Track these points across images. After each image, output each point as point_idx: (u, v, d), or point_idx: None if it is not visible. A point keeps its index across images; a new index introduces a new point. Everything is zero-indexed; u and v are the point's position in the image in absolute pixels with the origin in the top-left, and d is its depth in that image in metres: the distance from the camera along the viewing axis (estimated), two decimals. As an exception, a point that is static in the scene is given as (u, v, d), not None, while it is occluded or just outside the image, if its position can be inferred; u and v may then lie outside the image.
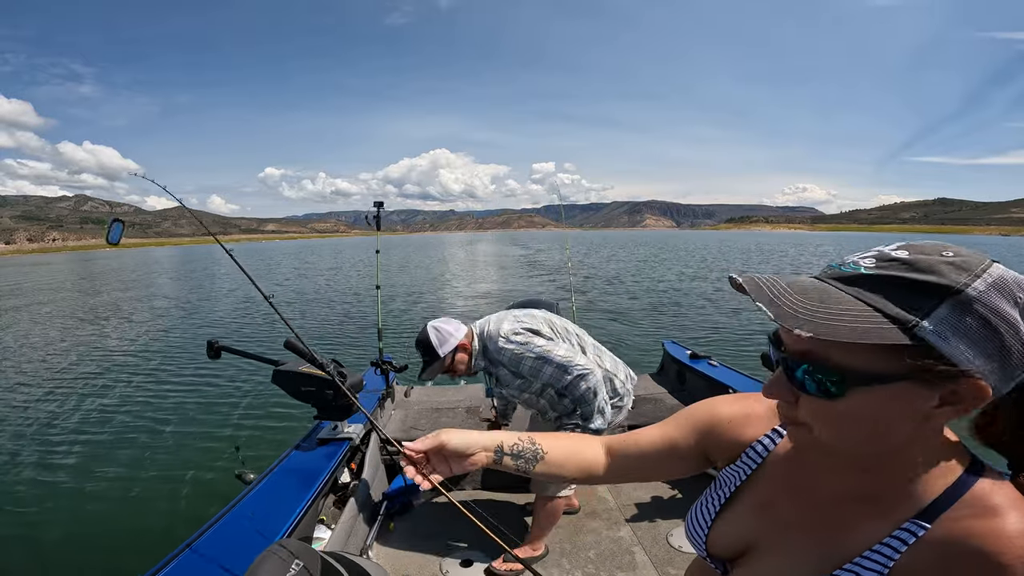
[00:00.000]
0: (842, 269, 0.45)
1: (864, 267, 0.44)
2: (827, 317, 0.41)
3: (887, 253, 0.44)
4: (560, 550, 2.22)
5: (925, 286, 0.40)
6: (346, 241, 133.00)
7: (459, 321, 2.00)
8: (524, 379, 1.89)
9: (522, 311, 2.01)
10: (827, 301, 0.43)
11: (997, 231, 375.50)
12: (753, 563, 0.59)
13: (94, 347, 9.08)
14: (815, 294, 0.44)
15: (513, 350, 1.85)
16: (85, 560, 3.10)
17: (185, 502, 3.70)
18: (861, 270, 0.44)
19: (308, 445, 2.14)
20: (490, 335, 1.93)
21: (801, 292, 0.44)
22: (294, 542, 1.06)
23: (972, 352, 0.40)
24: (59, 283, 23.70)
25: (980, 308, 0.40)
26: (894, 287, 0.42)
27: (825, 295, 0.43)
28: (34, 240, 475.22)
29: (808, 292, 0.44)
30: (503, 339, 1.88)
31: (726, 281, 7.01)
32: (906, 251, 0.43)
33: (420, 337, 1.93)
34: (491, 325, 1.95)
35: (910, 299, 0.41)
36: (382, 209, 3.06)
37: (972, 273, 0.40)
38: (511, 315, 1.98)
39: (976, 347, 0.40)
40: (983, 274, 0.40)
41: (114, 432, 5.04)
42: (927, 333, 0.40)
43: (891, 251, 0.44)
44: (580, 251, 47.09)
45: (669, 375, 3.66)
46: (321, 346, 8.60)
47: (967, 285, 0.40)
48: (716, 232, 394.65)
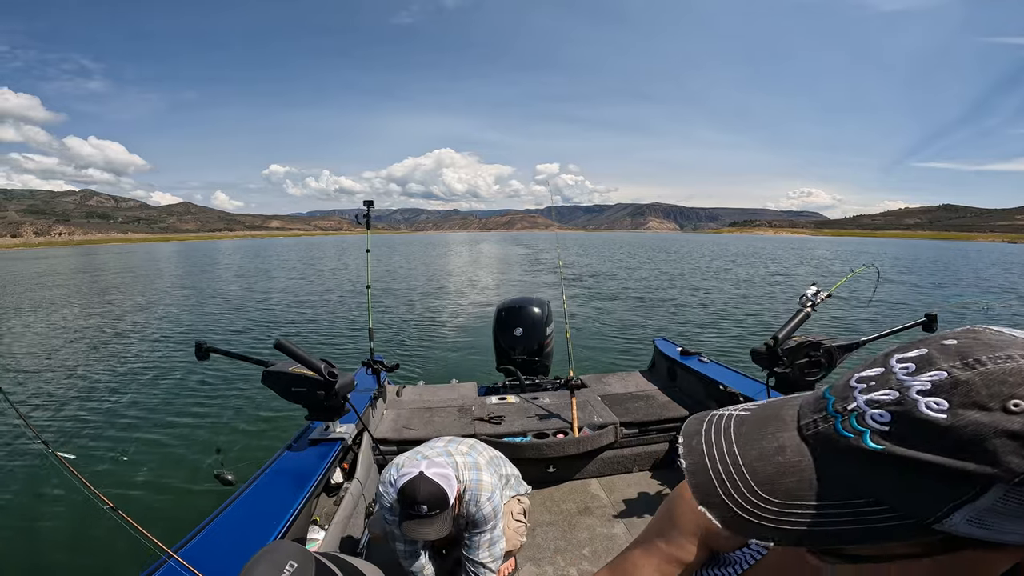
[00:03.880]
0: (839, 427, 0.31)
1: (870, 439, 0.29)
2: (783, 520, 0.30)
3: (911, 407, 0.28)
4: (555, 547, 2.23)
5: (965, 475, 0.27)
6: (349, 239, 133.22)
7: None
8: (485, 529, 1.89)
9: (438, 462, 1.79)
10: (796, 495, 0.31)
11: (1002, 238, 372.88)
12: None
13: (82, 347, 9.00)
14: (783, 486, 0.31)
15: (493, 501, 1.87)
16: (78, 562, 3.10)
17: (176, 504, 3.70)
18: (866, 442, 0.29)
19: (300, 446, 2.14)
20: (468, 484, 1.86)
21: (766, 488, 0.31)
22: (288, 543, 1.06)
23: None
24: (58, 281, 23.75)
25: None
26: (922, 474, 0.28)
27: (802, 488, 0.31)
28: (41, 234, 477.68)
29: (772, 485, 0.31)
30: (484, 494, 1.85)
31: (721, 281, 7.02)
32: (945, 399, 0.28)
33: (427, 490, 1.64)
34: (465, 475, 1.86)
35: (942, 491, 0.27)
36: (372, 208, 3.07)
37: None
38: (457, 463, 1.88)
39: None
40: None
41: (102, 435, 5.02)
42: (956, 526, 0.28)
43: (917, 397, 0.28)
44: (581, 252, 47.10)
45: (660, 372, 3.68)
46: (311, 346, 8.62)
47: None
48: (718, 235, 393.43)
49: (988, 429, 0.27)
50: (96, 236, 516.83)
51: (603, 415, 2.95)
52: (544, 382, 3.57)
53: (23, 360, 8.10)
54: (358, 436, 2.40)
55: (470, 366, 7.15)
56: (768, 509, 0.31)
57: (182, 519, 3.26)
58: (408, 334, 9.58)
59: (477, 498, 1.86)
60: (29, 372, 7.39)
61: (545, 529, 2.36)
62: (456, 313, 12.05)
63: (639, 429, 2.90)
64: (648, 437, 2.90)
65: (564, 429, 2.81)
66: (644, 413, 2.97)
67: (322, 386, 1.99)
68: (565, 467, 2.76)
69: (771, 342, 2.18)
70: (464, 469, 1.87)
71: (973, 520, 0.28)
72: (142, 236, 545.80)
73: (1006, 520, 0.27)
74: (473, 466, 1.91)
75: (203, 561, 1.40)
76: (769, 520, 0.30)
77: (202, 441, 4.80)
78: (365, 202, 3.06)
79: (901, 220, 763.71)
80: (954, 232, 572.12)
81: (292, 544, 1.06)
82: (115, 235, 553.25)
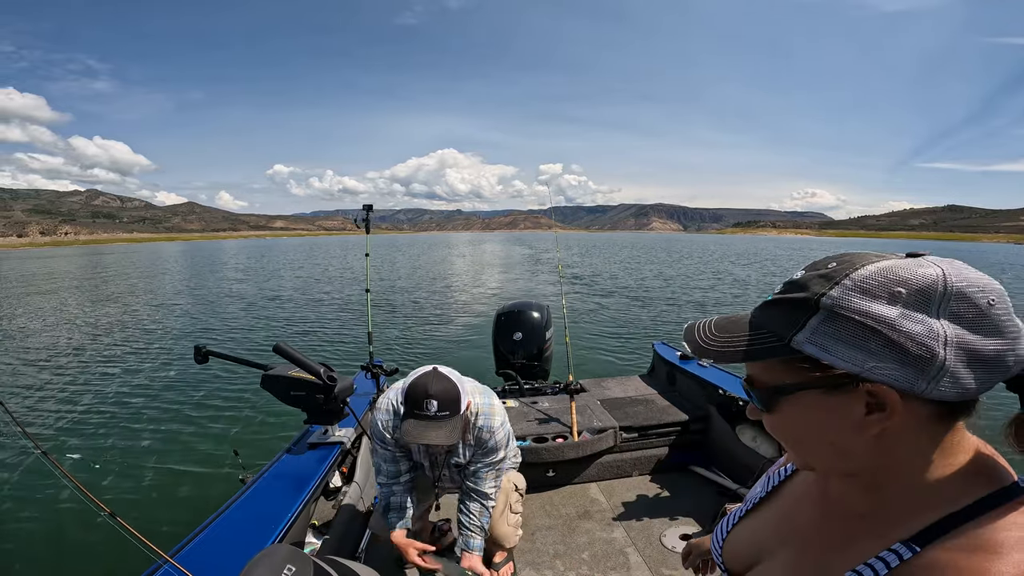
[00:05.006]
0: (766, 298, 0.49)
1: (773, 294, 0.48)
2: (722, 346, 0.48)
3: (792, 275, 0.48)
4: (554, 551, 2.23)
5: (797, 302, 0.44)
6: (351, 240, 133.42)
7: None
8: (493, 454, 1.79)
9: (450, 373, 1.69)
10: (731, 332, 0.48)
11: (1007, 239, 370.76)
12: (755, 574, 0.60)
13: (79, 350, 8.96)
14: (729, 327, 0.49)
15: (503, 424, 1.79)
16: (76, 565, 3.12)
17: (173, 508, 3.70)
18: (769, 297, 0.48)
19: (299, 449, 2.15)
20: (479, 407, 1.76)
21: (720, 328, 0.50)
22: (286, 547, 1.06)
23: (855, 356, 0.41)
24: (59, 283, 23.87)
25: (845, 312, 0.41)
26: (781, 307, 0.46)
27: (735, 327, 0.49)
28: (46, 233, 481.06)
29: (725, 327, 0.50)
30: (498, 417, 1.76)
31: (718, 281, 7.06)
32: (803, 269, 0.47)
33: (440, 386, 1.51)
34: (476, 397, 1.77)
35: (791, 316, 0.44)
36: (371, 212, 3.07)
37: (834, 280, 0.43)
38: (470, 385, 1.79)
39: (858, 350, 0.41)
40: (845, 278, 0.42)
41: (99, 439, 5.01)
42: (801, 345, 0.43)
43: (794, 273, 0.48)
44: (583, 252, 47.07)
45: (660, 376, 3.67)
46: (311, 350, 8.62)
47: (822, 294, 0.42)
48: (721, 236, 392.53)
49: (808, 276, 0.45)
50: (102, 236, 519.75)
51: (602, 419, 2.95)
52: (543, 386, 3.57)
53: (21, 362, 8.10)
54: (357, 440, 2.41)
55: (469, 370, 7.13)
56: (712, 339, 0.49)
57: (179, 524, 3.27)
58: (407, 338, 9.57)
59: (490, 422, 1.74)
60: (27, 375, 7.36)
61: (544, 533, 2.36)
62: (455, 317, 12.04)
63: (639, 433, 2.90)
64: (648, 441, 2.90)
65: (563, 433, 2.81)
66: (644, 417, 2.97)
67: (321, 390, 2.00)
68: (564, 471, 2.76)
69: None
70: (475, 392, 1.76)
71: (811, 341, 0.43)
72: (147, 236, 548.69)
73: (837, 344, 0.41)
74: (484, 391, 1.80)
75: (201, 564, 1.40)
76: (709, 346, 0.48)
77: (203, 445, 4.80)
78: (365, 206, 3.06)
79: (906, 221, 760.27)
80: (959, 233, 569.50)
81: (290, 548, 1.07)
82: (120, 235, 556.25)
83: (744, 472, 2.52)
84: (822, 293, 0.42)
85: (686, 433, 2.94)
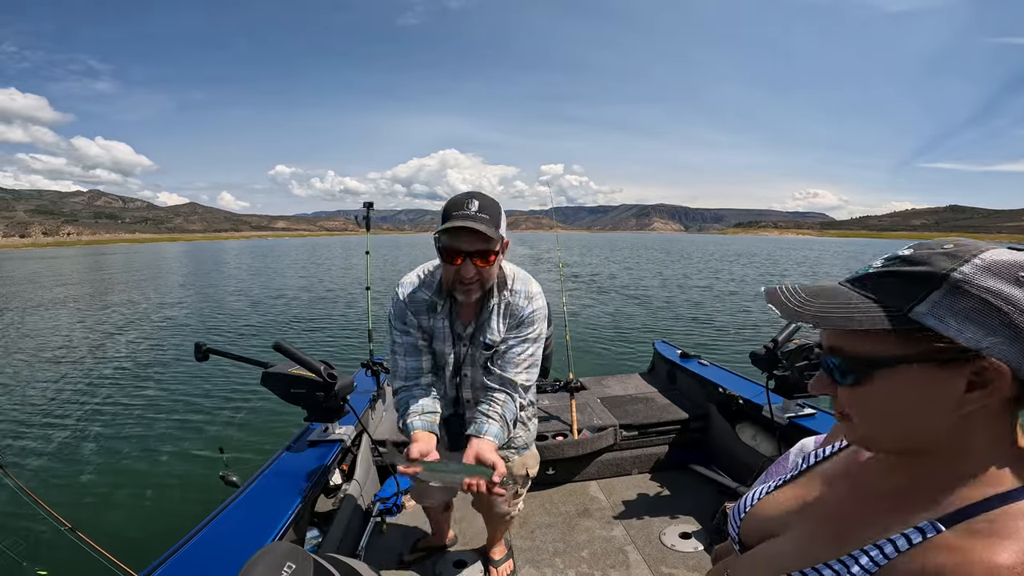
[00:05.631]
0: (858, 272, 0.50)
1: (873, 267, 0.49)
2: (823, 311, 0.47)
3: (896, 253, 0.48)
4: (553, 549, 2.23)
5: (919, 276, 0.44)
6: (353, 240, 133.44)
7: None
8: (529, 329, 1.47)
9: None
10: (831, 298, 0.48)
11: (1008, 239, 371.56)
12: (766, 545, 0.60)
13: (80, 349, 8.97)
14: (824, 294, 0.49)
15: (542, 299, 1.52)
16: (73, 564, 3.10)
17: (175, 505, 3.68)
18: (869, 270, 0.49)
19: (299, 447, 2.15)
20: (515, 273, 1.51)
21: (812, 294, 0.49)
22: (286, 544, 1.06)
23: (975, 332, 0.42)
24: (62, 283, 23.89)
25: (972, 289, 0.42)
26: (895, 280, 0.46)
27: (832, 294, 0.49)
28: (49, 234, 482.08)
29: (817, 294, 0.49)
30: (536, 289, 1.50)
31: (715, 281, 7.00)
32: (911, 249, 0.48)
33: (483, 198, 1.34)
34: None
35: (908, 289, 0.45)
36: (371, 209, 3.07)
37: (962, 259, 0.43)
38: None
39: (978, 326, 0.42)
40: (973, 258, 0.43)
41: (100, 436, 5.00)
42: (922, 316, 0.43)
43: (900, 251, 0.48)
44: (582, 253, 47.05)
45: (660, 374, 3.67)
46: (311, 348, 8.61)
47: (954, 269, 0.43)
48: (722, 236, 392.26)
49: (928, 254, 0.45)
50: (104, 236, 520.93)
51: (603, 417, 2.95)
52: (543, 384, 3.57)
53: (28, 364, 8.07)
54: (357, 438, 2.41)
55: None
56: (806, 302, 0.48)
57: (179, 521, 3.25)
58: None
59: (528, 288, 1.47)
60: (27, 378, 7.21)
61: (544, 531, 2.36)
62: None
63: (639, 431, 2.90)
64: (648, 439, 2.90)
65: (563, 431, 2.81)
66: (644, 415, 2.97)
67: (321, 387, 1.99)
68: (564, 469, 2.76)
69: (771, 345, 2.18)
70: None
71: (932, 314, 0.43)
72: (149, 236, 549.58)
73: (958, 319, 0.42)
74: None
75: (200, 562, 1.41)
76: (803, 309, 0.48)
77: (204, 442, 4.79)
78: (365, 203, 3.07)
79: (908, 221, 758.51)
80: (961, 233, 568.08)
81: (290, 545, 1.07)
82: (123, 235, 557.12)
83: (744, 471, 2.52)
84: (952, 268, 0.43)
85: (686, 431, 2.94)
